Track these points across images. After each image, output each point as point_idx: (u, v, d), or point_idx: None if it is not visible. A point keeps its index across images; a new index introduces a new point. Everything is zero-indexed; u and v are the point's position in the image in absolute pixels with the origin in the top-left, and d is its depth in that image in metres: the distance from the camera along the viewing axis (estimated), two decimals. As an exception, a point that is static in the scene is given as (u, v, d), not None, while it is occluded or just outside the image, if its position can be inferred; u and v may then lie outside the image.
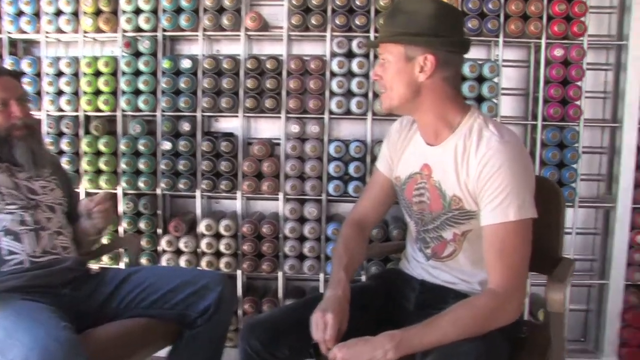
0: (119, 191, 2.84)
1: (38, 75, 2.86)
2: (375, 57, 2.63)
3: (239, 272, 2.83)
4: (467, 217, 1.64)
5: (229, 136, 2.82)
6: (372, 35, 2.67)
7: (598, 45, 2.88)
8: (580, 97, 2.72)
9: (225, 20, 2.70)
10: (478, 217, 1.61)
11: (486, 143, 1.56)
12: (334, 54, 2.73)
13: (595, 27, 2.85)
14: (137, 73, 2.79)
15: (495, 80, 2.70)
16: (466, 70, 2.64)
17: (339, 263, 1.74)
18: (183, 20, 2.71)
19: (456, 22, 1.68)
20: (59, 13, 2.81)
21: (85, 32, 2.82)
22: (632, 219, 2.81)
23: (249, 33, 2.77)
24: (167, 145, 2.78)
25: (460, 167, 1.61)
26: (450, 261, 1.74)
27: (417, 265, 1.84)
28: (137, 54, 2.80)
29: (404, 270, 1.91)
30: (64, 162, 2.79)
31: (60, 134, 2.86)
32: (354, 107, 2.70)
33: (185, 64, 2.75)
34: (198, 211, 2.85)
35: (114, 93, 2.82)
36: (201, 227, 2.80)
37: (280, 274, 2.83)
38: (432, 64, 1.60)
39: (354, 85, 2.68)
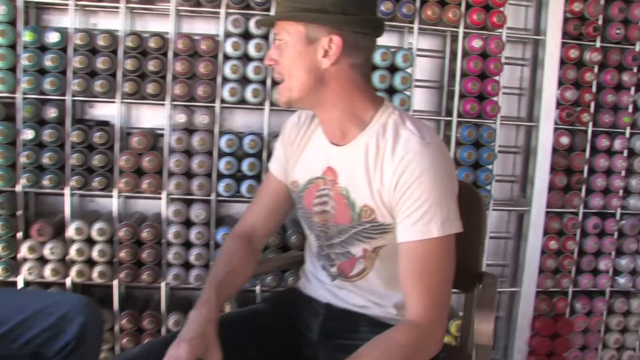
0: (-30, 186, 2.37)
1: None
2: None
3: (115, 283, 2.41)
4: (381, 231, 1.38)
5: (104, 125, 2.38)
6: (273, 12, 2.32)
7: (515, 39, 2.66)
8: (498, 93, 2.49)
9: (100, -12, 2.28)
10: (393, 231, 1.35)
11: (404, 144, 1.30)
12: (228, 34, 2.35)
13: (512, 20, 2.61)
14: (-9, 46, 2.31)
15: (409, 70, 2.42)
16: (377, 58, 2.33)
17: (211, 280, 1.42)
18: (49, -14, 2.27)
19: None
20: None
21: None
22: (545, 224, 2.63)
23: (131, 5, 2.35)
24: (28, 134, 2.31)
25: (372, 173, 1.34)
26: (359, 281, 1.47)
27: (320, 285, 1.55)
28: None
29: (303, 291, 1.60)
30: None
31: None
32: (249, 95, 2.34)
33: (52, 37, 2.29)
34: (67, 212, 2.41)
35: (-39, 69, 2.33)
36: (70, 231, 2.37)
37: (163, 285, 2.44)
38: (338, 47, 1.33)
39: (250, 70, 2.32)
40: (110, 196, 2.40)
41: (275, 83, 2.33)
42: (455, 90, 2.49)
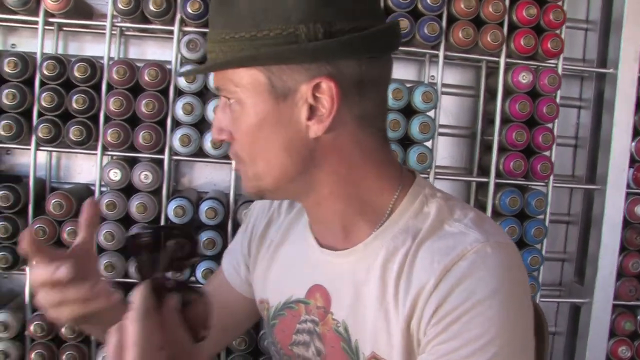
0: None
1: None
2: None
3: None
4: None
5: (13, 181, 1.65)
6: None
7: (572, 72, 1.90)
8: (552, 146, 1.72)
9: (12, -4, 1.56)
10: None
11: (453, 245, 0.74)
12: (182, 61, 1.61)
13: (567, 47, 1.82)
14: None
15: (431, 114, 1.68)
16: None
17: None
18: (-57, -8, 1.57)
19: None
20: None
21: None
22: (613, 322, 1.83)
23: (56, 20, 1.64)
24: None
25: (393, 297, 0.76)
26: None
27: None
28: None
29: None
30: None
31: None
32: (208, 144, 1.58)
33: (-56, 62, 1.59)
34: (-35, 294, 1.68)
35: None
36: (-35, 322, 1.64)
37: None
38: (333, 97, 0.71)
39: (210, 111, 1.56)
40: (23, 273, 1.68)
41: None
42: (494, 141, 1.70)
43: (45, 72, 1.55)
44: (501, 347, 0.70)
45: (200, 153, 1.61)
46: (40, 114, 1.58)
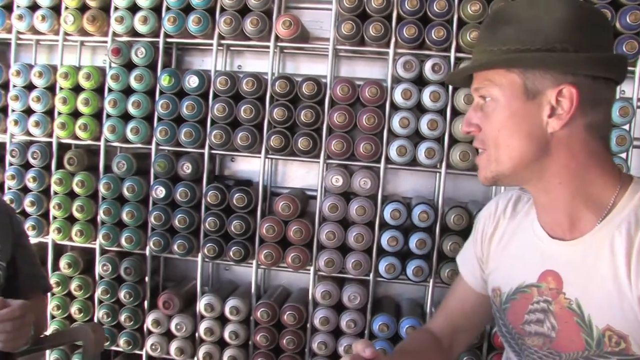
0: (97, 246, 1.93)
1: (4, 86, 1.98)
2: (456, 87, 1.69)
3: (248, 370, 1.88)
4: None
5: (245, 185, 1.86)
6: (452, 54, 1.71)
7: None
8: None
9: (248, 26, 1.77)
10: None
11: None
12: (397, 79, 1.76)
13: None
14: (129, 91, 1.88)
15: (626, 127, 1.72)
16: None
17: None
18: (192, 23, 1.79)
19: (603, 29, 0.94)
20: (34, 7, 1.93)
21: (67, 33, 1.93)
22: None
23: (282, 44, 1.84)
24: (159, 192, 1.85)
25: (624, 278, 0.88)
26: None
27: None
28: (131, 65, 1.89)
29: None
30: (27, 204, 1.91)
31: (27, 166, 1.95)
32: (422, 155, 1.70)
33: (192, 82, 1.83)
34: (198, 282, 1.90)
35: (97, 116, 1.91)
36: (200, 306, 1.86)
37: (304, 378, 1.86)
38: (572, 101, 0.87)
39: (423, 124, 1.69)
40: (250, 265, 1.88)
41: (454, 141, 1.71)
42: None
43: (277, 90, 1.74)
44: None
45: (413, 162, 1.74)
46: (270, 126, 1.78)
